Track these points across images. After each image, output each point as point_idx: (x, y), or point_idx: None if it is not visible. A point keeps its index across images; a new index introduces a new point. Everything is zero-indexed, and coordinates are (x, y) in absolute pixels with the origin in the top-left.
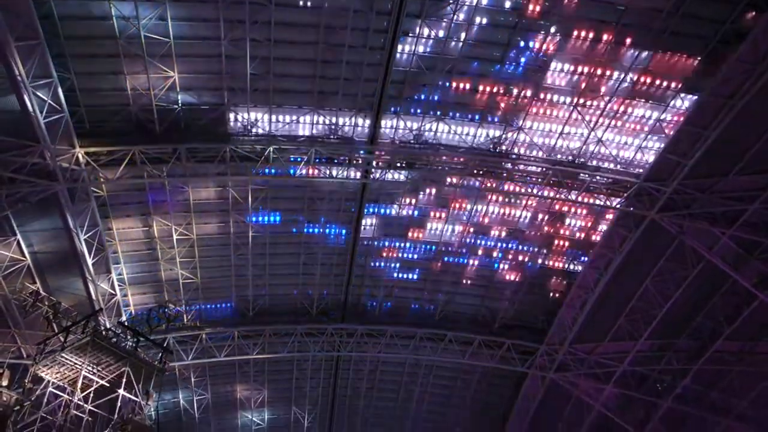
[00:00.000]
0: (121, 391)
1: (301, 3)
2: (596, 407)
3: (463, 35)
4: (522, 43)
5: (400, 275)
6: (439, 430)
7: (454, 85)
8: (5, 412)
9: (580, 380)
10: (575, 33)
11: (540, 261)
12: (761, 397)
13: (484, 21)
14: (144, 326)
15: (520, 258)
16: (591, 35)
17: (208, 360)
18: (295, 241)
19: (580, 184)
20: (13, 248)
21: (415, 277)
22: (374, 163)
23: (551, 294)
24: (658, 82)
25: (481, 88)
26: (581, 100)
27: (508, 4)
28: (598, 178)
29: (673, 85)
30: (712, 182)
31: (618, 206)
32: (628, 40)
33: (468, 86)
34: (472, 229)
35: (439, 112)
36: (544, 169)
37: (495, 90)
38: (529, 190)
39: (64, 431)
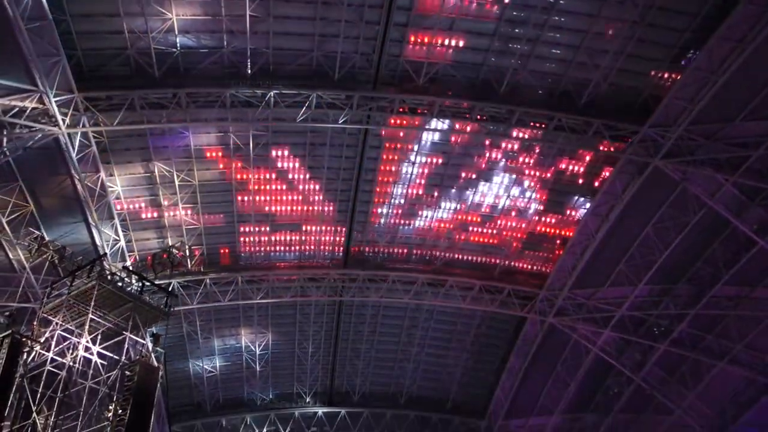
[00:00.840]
0: (128, 334)
1: None
2: (594, 350)
3: None
4: None
5: (403, 222)
6: (439, 373)
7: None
8: (15, 355)
9: (578, 324)
10: None
11: (542, 207)
12: (757, 341)
13: None
14: (148, 271)
15: (523, 204)
16: None
17: (212, 304)
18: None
19: (586, 128)
20: (15, 194)
21: (418, 223)
22: (377, 107)
23: (552, 241)
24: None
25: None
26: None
27: None
28: (602, 123)
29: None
30: (717, 128)
31: (622, 153)
32: None
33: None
34: (474, 175)
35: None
36: (548, 113)
37: (500, 30)
38: (534, 135)
39: (73, 373)
